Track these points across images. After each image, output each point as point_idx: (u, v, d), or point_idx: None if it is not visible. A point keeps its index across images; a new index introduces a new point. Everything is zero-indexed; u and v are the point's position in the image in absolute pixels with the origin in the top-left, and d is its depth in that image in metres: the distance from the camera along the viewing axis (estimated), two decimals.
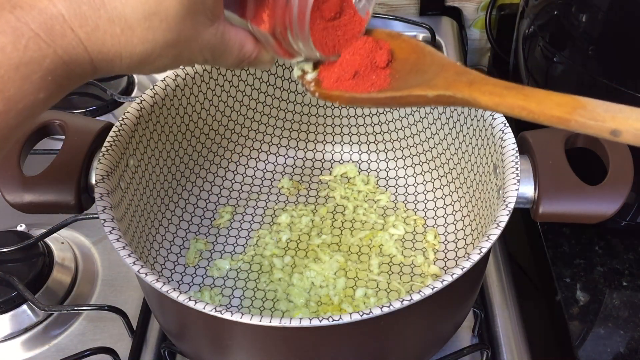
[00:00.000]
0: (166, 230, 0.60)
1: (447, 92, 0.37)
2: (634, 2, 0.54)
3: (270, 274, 0.58)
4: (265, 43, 0.39)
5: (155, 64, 0.34)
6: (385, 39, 0.42)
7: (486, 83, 0.36)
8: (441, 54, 0.41)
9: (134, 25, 0.31)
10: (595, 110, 0.32)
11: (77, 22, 0.30)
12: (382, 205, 0.64)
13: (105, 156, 0.49)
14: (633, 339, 0.58)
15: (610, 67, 0.57)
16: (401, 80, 0.40)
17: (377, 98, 0.40)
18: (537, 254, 0.68)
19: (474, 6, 0.95)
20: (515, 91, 0.35)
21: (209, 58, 0.37)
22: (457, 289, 0.45)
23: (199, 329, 0.46)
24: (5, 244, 0.63)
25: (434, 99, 0.38)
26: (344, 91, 0.41)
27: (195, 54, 0.35)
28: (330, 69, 0.41)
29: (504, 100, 0.35)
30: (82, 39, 0.31)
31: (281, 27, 0.37)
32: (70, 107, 0.80)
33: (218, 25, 0.35)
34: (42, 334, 0.60)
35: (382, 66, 0.41)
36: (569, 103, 0.33)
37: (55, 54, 0.30)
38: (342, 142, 0.68)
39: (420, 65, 0.40)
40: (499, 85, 0.36)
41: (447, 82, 0.38)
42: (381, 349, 0.46)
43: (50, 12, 0.30)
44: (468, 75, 0.38)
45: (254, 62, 0.39)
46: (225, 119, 0.63)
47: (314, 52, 0.39)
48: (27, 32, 0.29)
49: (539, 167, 0.48)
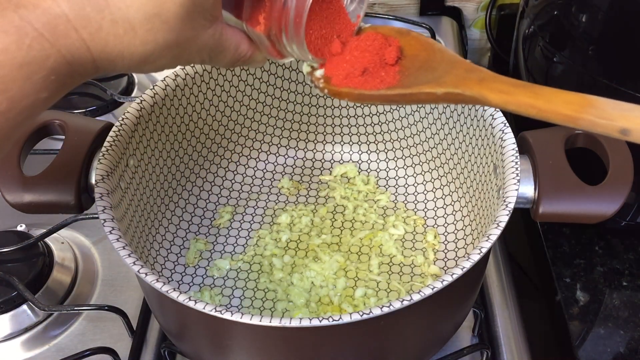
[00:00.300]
0: (166, 230, 0.60)
1: (456, 89, 0.37)
2: (634, 2, 0.54)
3: (270, 274, 0.58)
4: (260, 44, 0.39)
5: (155, 63, 0.34)
6: (395, 36, 0.42)
7: (495, 81, 0.36)
8: (451, 51, 0.40)
9: (136, 27, 0.32)
10: (604, 108, 0.32)
11: (80, 23, 0.30)
12: (382, 205, 0.64)
13: (105, 156, 0.49)
14: (633, 339, 0.58)
15: (610, 67, 0.57)
16: (410, 77, 0.40)
17: (387, 95, 0.40)
18: (537, 254, 0.68)
19: (474, 6, 0.95)
20: (524, 89, 0.35)
21: (206, 58, 0.37)
22: (457, 289, 0.45)
23: (199, 329, 0.46)
24: (5, 244, 0.63)
25: (443, 96, 0.38)
26: (353, 88, 0.40)
27: (194, 55, 0.36)
28: (339, 66, 0.41)
29: (513, 98, 0.35)
30: (85, 40, 0.31)
31: (276, 29, 0.37)
32: (70, 107, 0.80)
33: (216, 27, 0.35)
34: (42, 334, 0.60)
35: (392, 63, 0.41)
36: (578, 101, 0.33)
37: (59, 53, 0.30)
38: (342, 142, 0.68)
39: (429, 63, 0.40)
40: (508, 83, 0.36)
41: (457, 80, 0.37)
42: (381, 349, 0.46)
43: (54, 12, 0.30)
44: (478, 72, 0.37)
45: (247, 61, 0.40)
46: (225, 119, 0.63)
47: (306, 55, 0.40)
48: (30, 32, 0.29)
49: (539, 167, 0.48)
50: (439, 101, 0.39)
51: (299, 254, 0.60)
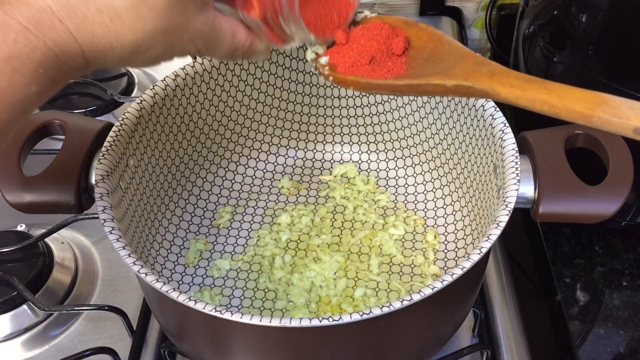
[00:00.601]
0: (166, 230, 0.60)
1: (466, 82, 0.36)
2: (634, 2, 0.54)
3: (270, 274, 0.58)
4: (257, 30, 0.38)
5: (147, 54, 0.34)
6: (402, 27, 0.41)
7: (507, 75, 0.36)
8: (460, 43, 0.40)
9: (123, 14, 0.31)
10: (619, 107, 0.32)
11: (65, 14, 0.31)
12: (382, 205, 0.64)
13: (105, 156, 0.49)
14: (633, 339, 0.58)
15: (610, 67, 0.57)
16: (418, 68, 0.39)
17: (394, 85, 0.39)
18: (537, 254, 0.68)
19: (474, 6, 0.95)
20: (537, 85, 0.35)
21: (201, 48, 0.36)
22: (457, 289, 0.45)
23: (199, 329, 0.46)
24: (5, 244, 0.63)
25: (452, 88, 0.37)
26: (359, 76, 0.40)
27: (187, 44, 0.35)
28: (345, 54, 0.41)
29: (525, 94, 0.35)
30: (71, 31, 0.31)
31: (271, 11, 0.37)
32: (70, 107, 0.80)
33: (208, 13, 0.35)
34: (42, 334, 0.60)
35: (399, 53, 0.40)
36: (591, 99, 0.33)
37: (45, 46, 0.30)
38: (342, 142, 0.68)
39: (438, 54, 0.39)
40: (520, 78, 0.36)
41: (467, 72, 0.37)
42: (381, 349, 0.46)
43: (38, 6, 0.30)
44: (488, 66, 0.37)
45: (248, 51, 0.39)
46: (225, 119, 0.63)
47: (307, 35, 0.39)
48: (15, 26, 0.30)
49: (539, 167, 0.48)
50: (447, 93, 0.38)
51: (299, 254, 0.60)
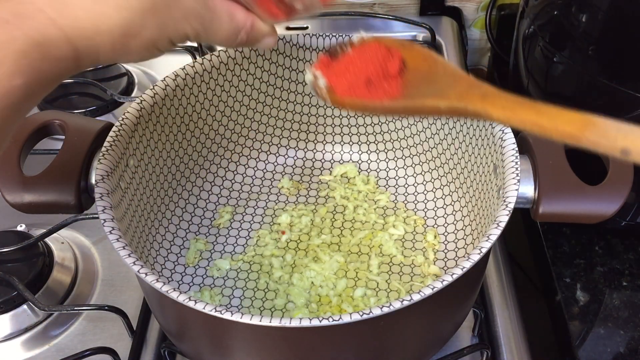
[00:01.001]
0: (166, 230, 0.60)
1: (459, 103, 0.38)
2: (634, 2, 0.54)
3: (270, 274, 0.58)
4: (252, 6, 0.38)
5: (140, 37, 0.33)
6: (397, 48, 0.42)
7: (499, 97, 0.37)
8: (453, 65, 0.41)
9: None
10: (606, 128, 0.33)
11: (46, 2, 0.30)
12: (382, 205, 0.64)
13: (105, 156, 0.49)
14: (633, 339, 0.58)
15: (610, 67, 0.57)
16: (413, 90, 0.40)
17: (391, 107, 0.40)
18: (537, 254, 0.68)
19: (474, 6, 0.95)
20: (527, 106, 0.36)
21: (198, 28, 0.35)
22: (457, 289, 0.45)
23: (199, 329, 0.46)
24: (5, 244, 0.63)
25: (446, 110, 0.38)
26: (356, 99, 0.41)
27: (182, 23, 0.34)
28: (342, 76, 0.41)
29: (516, 115, 0.36)
30: (54, 18, 0.31)
31: None
32: (70, 107, 0.80)
33: None
34: (42, 334, 0.60)
35: (394, 74, 0.41)
36: (580, 120, 0.34)
37: (26, 35, 0.30)
38: (342, 142, 0.68)
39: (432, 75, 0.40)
40: (511, 100, 0.37)
41: (460, 94, 0.38)
42: (381, 349, 0.46)
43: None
44: (481, 88, 0.38)
45: (252, 34, 0.38)
46: (225, 119, 0.63)
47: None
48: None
49: (539, 167, 0.48)
50: (441, 114, 0.39)
51: (299, 254, 0.60)
